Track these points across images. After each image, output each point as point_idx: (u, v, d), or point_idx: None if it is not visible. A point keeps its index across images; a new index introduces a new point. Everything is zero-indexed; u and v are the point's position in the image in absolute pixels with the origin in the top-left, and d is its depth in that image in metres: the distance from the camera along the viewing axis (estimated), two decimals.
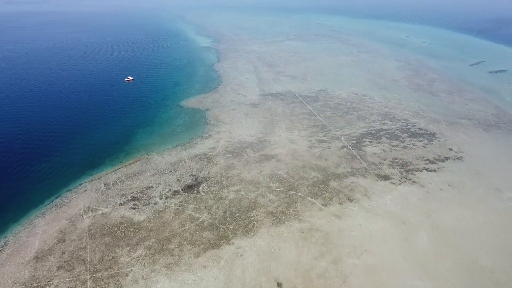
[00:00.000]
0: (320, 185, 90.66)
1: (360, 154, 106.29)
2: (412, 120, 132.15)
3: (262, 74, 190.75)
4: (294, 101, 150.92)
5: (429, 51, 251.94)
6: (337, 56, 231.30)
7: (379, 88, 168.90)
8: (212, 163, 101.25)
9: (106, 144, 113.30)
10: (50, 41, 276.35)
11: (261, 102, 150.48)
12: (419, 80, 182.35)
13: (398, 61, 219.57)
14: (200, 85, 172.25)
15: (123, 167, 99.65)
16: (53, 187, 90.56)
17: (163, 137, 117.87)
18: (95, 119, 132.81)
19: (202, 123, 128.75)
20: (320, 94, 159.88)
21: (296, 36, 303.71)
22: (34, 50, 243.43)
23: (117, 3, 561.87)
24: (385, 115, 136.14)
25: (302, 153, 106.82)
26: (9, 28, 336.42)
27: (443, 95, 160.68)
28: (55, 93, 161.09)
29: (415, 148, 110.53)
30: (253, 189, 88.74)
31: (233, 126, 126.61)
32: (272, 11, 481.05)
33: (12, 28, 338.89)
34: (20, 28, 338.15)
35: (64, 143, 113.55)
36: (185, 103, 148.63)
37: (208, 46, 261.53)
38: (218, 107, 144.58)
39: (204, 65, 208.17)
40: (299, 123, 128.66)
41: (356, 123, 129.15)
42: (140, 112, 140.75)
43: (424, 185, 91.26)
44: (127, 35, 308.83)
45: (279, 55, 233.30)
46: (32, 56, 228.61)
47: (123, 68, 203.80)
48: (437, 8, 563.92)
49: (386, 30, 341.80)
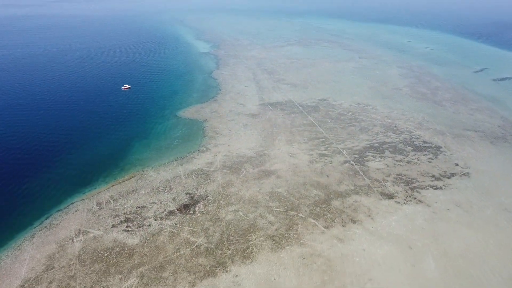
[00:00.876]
0: (322, 204, 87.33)
1: (363, 170, 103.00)
2: (416, 132, 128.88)
3: (262, 82, 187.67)
4: (294, 111, 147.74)
5: (432, 57, 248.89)
6: (338, 63, 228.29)
7: (382, 97, 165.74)
8: (209, 179, 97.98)
9: (101, 159, 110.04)
10: (45, 46, 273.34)
11: (260, 112, 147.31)
12: (423, 88, 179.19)
13: (401, 68, 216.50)
14: (199, 94, 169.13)
15: (117, 184, 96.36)
16: (44, 206, 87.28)
17: (159, 151, 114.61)
18: (90, 131, 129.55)
19: (199, 136, 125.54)
20: (321, 103, 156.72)
21: (297, 41, 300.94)
22: (27, 56, 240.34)
23: (116, 6, 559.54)
24: (388, 127, 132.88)
25: (303, 169, 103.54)
26: (5, 33, 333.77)
27: (447, 104, 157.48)
28: (46, 102, 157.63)
29: (420, 163, 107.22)
30: (252, 209, 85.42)
31: (231, 138, 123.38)
32: (272, 15, 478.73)
33: (8, 32, 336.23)
34: (15, 32, 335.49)
35: (57, 158, 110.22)
36: (182, 114, 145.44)
37: (207, 51, 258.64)
38: (216, 117, 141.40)
39: (203, 72, 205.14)
40: (299, 135, 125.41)
41: (359, 135, 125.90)
42: (137, 123, 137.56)
43: (430, 204, 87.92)
44: (126, 39, 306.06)
45: (279, 61, 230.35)
46: (25, 62, 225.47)
47: (120, 75, 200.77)
48: (438, 11, 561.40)
49: (387, 35, 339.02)
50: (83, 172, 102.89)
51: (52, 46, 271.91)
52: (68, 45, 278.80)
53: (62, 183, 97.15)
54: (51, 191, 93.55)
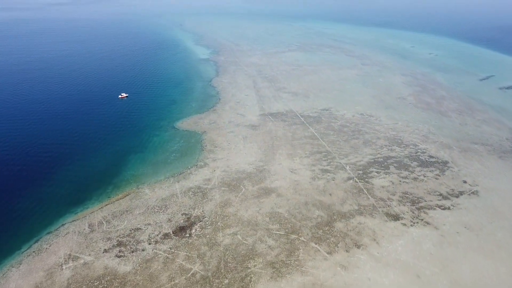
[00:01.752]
0: (325, 227, 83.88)
1: (367, 188, 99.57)
2: (422, 145, 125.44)
3: (262, 90, 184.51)
4: (295, 122, 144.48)
5: (436, 63, 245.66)
6: (340, 70, 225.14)
7: (385, 107, 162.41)
8: (206, 198, 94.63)
9: (95, 175, 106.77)
10: (41, 52, 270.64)
11: (261, 123, 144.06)
12: (427, 97, 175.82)
13: (404, 75, 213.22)
14: (197, 104, 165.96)
15: (110, 203, 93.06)
16: (33, 228, 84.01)
17: (155, 166, 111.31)
18: (84, 144, 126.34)
19: (197, 149, 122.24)
20: (323, 114, 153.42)
21: (298, 46, 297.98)
22: (21, 63, 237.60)
23: (115, 10, 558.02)
24: (392, 140, 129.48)
25: (304, 186, 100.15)
26: (1, 38, 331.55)
27: (453, 115, 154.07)
28: (38, 113, 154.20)
29: (426, 180, 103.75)
30: (251, 232, 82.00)
31: (230, 152, 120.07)
32: (273, 18, 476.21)
33: (4, 37, 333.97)
34: (11, 37, 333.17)
35: (48, 173, 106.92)
36: (180, 125, 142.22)
37: (207, 57, 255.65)
38: (215, 129, 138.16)
39: (202, 80, 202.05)
40: (301, 149, 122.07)
41: (362, 149, 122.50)
42: (133, 135, 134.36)
43: (438, 226, 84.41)
44: (124, 44, 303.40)
45: (280, 68, 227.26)
46: (19, 69, 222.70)
47: (117, 83, 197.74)
48: (441, 15, 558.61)
49: (390, 40, 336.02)
50: (76, 189, 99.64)
51: (48, 52, 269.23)
52: (64, 50, 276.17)
53: (53, 202, 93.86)
54: (41, 211, 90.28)
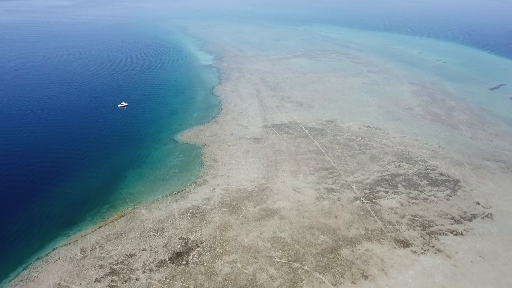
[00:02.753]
0: (330, 254, 79.69)
1: (374, 210, 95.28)
2: (432, 162, 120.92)
3: (266, 99, 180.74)
4: (299, 135, 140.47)
5: (445, 71, 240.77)
6: (346, 78, 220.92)
7: (393, 118, 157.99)
8: (205, 220, 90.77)
9: (90, 192, 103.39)
10: (40, 58, 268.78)
11: (263, 136, 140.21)
12: (436, 108, 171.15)
13: (412, 84, 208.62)
14: (199, 114, 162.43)
15: (104, 225, 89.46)
16: (22, 253, 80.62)
17: (153, 183, 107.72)
18: (80, 157, 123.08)
19: (197, 164, 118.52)
20: (328, 126, 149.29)
21: (302, 52, 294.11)
22: (19, 69, 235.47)
23: (117, 13, 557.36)
24: (400, 155, 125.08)
25: (308, 207, 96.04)
26: (5, 42, 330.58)
27: (464, 128, 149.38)
28: (33, 123, 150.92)
29: (437, 201, 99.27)
30: (252, 259, 77.96)
31: (231, 168, 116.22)
32: (277, 22, 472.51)
33: (4, 42, 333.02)
34: (12, 42, 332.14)
35: (40, 190, 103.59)
36: (181, 137, 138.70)
37: (210, 64, 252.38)
38: (216, 142, 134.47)
39: (204, 88, 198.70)
40: (305, 165, 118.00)
41: (369, 165, 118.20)
42: (132, 148, 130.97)
43: (451, 255, 79.94)
44: (125, 50, 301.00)
45: (284, 76, 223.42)
46: (17, 75, 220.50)
47: (117, 91, 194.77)
48: (449, 19, 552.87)
49: (397, 45, 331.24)
50: (70, 208, 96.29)
51: (46, 57, 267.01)
52: (64, 56, 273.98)
53: (45, 222, 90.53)
54: (32, 233, 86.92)
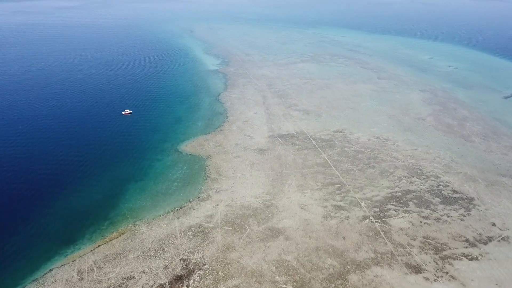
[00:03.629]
0: (337, 279, 76.27)
1: (384, 230, 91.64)
2: (444, 177, 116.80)
3: (272, 107, 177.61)
4: (306, 147, 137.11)
5: (456, 78, 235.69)
6: (355, 84, 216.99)
7: (403, 129, 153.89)
8: (207, 240, 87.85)
9: (89, 207, 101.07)
10: (45, 62, 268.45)
11: (269, 147, 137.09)
12: (448, 118, 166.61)
13: (423, 92, 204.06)
14: (204, 122, 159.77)
15: (103, 243, 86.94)
16: (17, 274, 78.34)
17: (155, 198, 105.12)
18: (80, 168, 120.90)
19: (201, 178, 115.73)
20: (336, 136, 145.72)
21: (310, 56, 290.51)
22: (23, 73, 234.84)
23: (123, 14, 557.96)
24: (411, 170, 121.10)
25: (315, 227, 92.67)
26: (7, 45, 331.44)
27: (477, 140, 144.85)
28: (33, 131, 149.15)
29: (450, 222, 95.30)
30: (255, 285, 74.83)
31: (236, 182, 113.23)
32: (285, 25, 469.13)
33: (10, 45, 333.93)
34: (17, 44, 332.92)
35: (39, 205, 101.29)
36: (184, 148, 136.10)
37: (216, 69, 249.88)
38: (221, 153, 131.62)
39: (209, 95, 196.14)
40: (312, 180, 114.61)
41: (379, 180, 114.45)
42: (135, 159, 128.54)
43: (465, 283, 76.10)
44: (131, 54, 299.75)
45: (291, 82, 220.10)
46: (21, 79, 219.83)
47: (122, 96, 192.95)
48: (460, 22, 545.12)
49: (407, 50, 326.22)
50: (68, 225, 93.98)
51: (50, 61, 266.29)
52: (68, 59, 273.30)
53: (42, 240, 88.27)
54: (28, 252, 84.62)
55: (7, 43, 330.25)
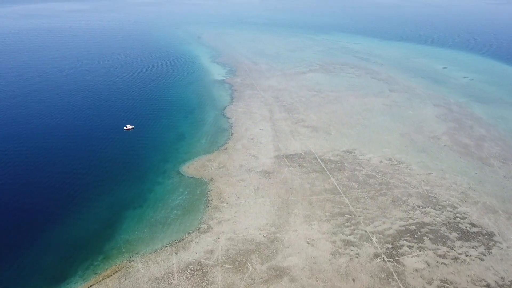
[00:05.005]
0: None
1: (397, 271, 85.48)
2: (462, 207, 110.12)
3: (279, 123, 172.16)
4: (314, 169, 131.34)
5: (472, 91, 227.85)
6: (365, 97, 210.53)
7: (417, 150, 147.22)
8: (206, 280, 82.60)
9: (84, 238, 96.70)
10: (45, 69, 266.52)
11: (275, 169, 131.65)
12: (465, 137, 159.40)
13: (437, 107, 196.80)
14: (207, 140, 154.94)
15: (95, 283, 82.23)
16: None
17: (153, 228, 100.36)
18: (75, 193, 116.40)
19: (202, 205, 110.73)
20: (346, 157, 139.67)
21: (319, 66, 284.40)
22: (20, 80, 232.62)
23: (130, 18, 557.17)
24: (426, 198, 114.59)
25: (323, 266, 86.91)
26: (9, 52, 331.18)
27: (496, 163, 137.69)
28: (29, 148, 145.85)
29: (469, 262, 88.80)
30: None
31: (239, 210, 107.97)
32: (294, 30, 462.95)
33: (12, 51, 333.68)
34: (18, 51, 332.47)
35: (28, 236, 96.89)
36: (186, 169, 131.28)
37: (222, 79, 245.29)
38: (224, 176, 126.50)
39: (215, 108, 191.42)
40: (320, 209, 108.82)
41: (391, 210, 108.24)
42: (134, 182, 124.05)
43: None
44: (137, 62, 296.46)
45: (299, 94, 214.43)
46: (14, 88, 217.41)
47: (124, 110, 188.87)
48: (476, 28, 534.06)
49: (419, 58, 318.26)
50: (60, 259, 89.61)
51: (49, 70, 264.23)
52: (70, 69, 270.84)
53: (30, 278, 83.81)
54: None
55: (7, 50, 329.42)
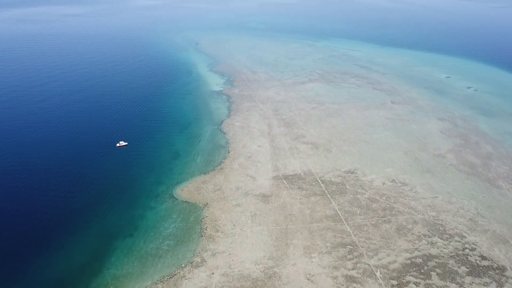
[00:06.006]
0: None
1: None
2: (470, 237, 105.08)
3: (278, 139, 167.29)
4: (315, 192, 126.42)
5: (477, 102, 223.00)
6: (367, 110, 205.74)
7: (422, 170, 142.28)
8: None
9: (70, 273, 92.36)
10: (38, 81, 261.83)
11: (273, 191, 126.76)
12: (471, 155, 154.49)
13: (441, 120, 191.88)
14: (203, 158, 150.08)
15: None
16: None
17: (143, 262, 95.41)
18: (60, 222, 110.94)
19: (195, 234, 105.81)
20: (347, 179, 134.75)
21: (319, 75, 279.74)
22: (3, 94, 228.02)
23: (129, 23, 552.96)
24: (432, 226, 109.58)
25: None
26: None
27: (505, 185, 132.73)
28: (10, 168, 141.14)
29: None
30: None
31: (234, 240, 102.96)
32: (294, 36, 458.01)
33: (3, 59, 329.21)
34: (10, 60, 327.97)
35: (12, 271, 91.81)
36: (180, 192, 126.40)
37: (220, 90, 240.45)
38: (219, 200, 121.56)
39: (211, 122, 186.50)
40: (321, 239, 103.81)
41: (396, 240, 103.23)
42: (126, 206, 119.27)
43: None
44: (132, 71, 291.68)
45: (299, 106, 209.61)
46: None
47: (117, 124, 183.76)
48: (481, 35, 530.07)
49: (422, 66, 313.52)
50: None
51: (39, 79, 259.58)
52: (64, 79, 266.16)
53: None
54: None
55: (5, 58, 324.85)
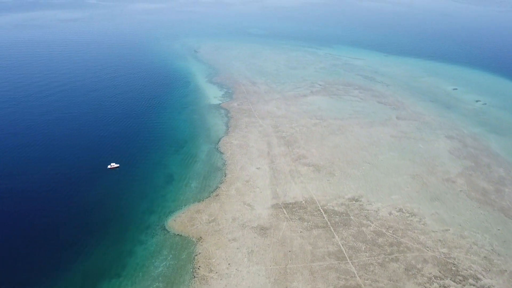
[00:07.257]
0: None
1: None
2: (485, 279, 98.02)
3: (278, 159, 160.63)
4: (317, 224, 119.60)
5: (486, 118, 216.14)
6: (371, 127, 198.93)
7: (430, 197, 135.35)
8: None
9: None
10: (26, 93, 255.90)
11: (272, 223, 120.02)
12: (482, 180, 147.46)
13: (449, 139, 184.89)
14: (198, 183, 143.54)
15: None
16: None
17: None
18: (40, 261, 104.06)
19: (187, 275, 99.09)
20: (351, 207, 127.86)
21: (322, 86, 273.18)
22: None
23: (127, 29, 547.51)
24: (444, 265, 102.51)
25: None
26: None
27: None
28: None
29: None
30: None
31: (229, 283, 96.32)
32: (296, 43, 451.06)
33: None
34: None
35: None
36: (172, 223, 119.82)
37: (218, 103, 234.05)
38: (214, 234, 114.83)
39: (208, 141, 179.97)
40: (322, 280, 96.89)
41: (405, 283, 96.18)
42: (114, 240, 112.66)
43: None
44: (128, 84, 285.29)
45: (300, 122, 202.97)
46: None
47: (110, 143, 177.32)
48: (485, 40, 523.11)
49: (427, 77, 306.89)
50: None
51: (27, 96, 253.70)
52: (52, 92, 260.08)
53: None
54: None
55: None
